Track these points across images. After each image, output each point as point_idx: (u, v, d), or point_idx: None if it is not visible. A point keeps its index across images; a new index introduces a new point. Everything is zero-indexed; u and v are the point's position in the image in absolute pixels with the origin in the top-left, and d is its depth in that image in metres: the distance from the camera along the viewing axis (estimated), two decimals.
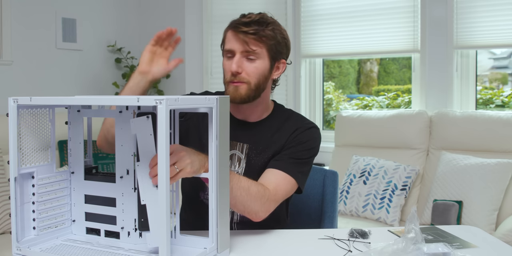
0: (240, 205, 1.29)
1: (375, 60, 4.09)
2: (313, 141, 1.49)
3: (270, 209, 1.35)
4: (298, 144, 1.47)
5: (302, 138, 1.47)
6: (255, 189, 1.30)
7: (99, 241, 1.21)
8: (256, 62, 1.42)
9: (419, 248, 1.08)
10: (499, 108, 3.41)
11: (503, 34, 3.08)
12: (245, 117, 1.52)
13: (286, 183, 1.40)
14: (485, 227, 2.54)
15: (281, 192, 1.39)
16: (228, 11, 3.74)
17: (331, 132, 3.67)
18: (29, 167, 1.16)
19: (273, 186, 1.37)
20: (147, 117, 1.07)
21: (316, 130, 1.52)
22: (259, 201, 1.31)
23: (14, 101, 1.11)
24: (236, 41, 1.41)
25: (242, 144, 1.49)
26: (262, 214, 1.34)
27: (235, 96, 1.42)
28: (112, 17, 3.94)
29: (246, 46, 1.40)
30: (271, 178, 1.39)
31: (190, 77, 3.90)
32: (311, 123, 1.54)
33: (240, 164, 1.49)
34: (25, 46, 3.31)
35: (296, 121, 1.52)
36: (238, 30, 1.40)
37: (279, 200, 1.39)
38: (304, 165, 1.46)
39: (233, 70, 1.40)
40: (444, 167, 2.80)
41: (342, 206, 2.97)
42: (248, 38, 1.39)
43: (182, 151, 1.10)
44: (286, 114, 1.56)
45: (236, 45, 1.41)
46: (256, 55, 1.42)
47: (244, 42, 1.40)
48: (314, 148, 1.50)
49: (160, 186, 0.96)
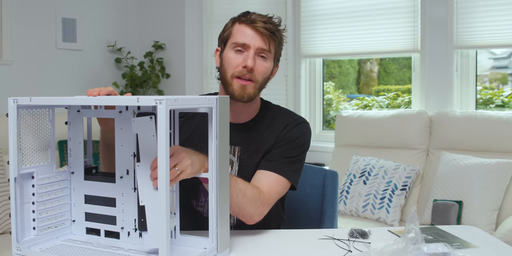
0: (235, 207, 1.28)
1: (375, 60, 4.09)
2: (303, 137, 1.47)
3: (263, 213, 1.34)
4: (288, 142, 1.45)
5: (292, 136, 1.45)
6: (251, 192, 1.29)
7: (99, 241, 1.21)
8: (267, 62, 1.41)
9: (419, 248, 1.08)
10: (499, 108, 3.41)
11: (503, 34, 3.08)
12: (235, 118, 1.48)
13: (279, 185, 1.39)
14: (485, 227, 2.54)
15: (274, 195, 1.38)
16: (228, 11, 3.74)
17: (331, 132, 3.67)
18: (29, 167, 1.16)
19: (267, 189, 1.35)
20: (150, 118, 1.07)
21: (306, 125, 1.50)
22: (254, 204, 1.30)
23: (14, 101, 1.11)
24: (254, 36, 1.36)
25: (233, 147, 1.47)
26: (256, 218, 1.33)
27: (243, 94, 1.38)
28: (112, 17, 3.94)
29: (265, 42, 1.37)
30: (264, 180, 1.37)
31: (190, 77, 3.90)
32: (300, 118, 1.52)
33: (232, 167, 1.47)
34: (25, 46, 3.31)
35: (284, 118, 1.50)
36: (258, 25, 1.36)
37: (272, 203, 1.37)
38: (295, 163, 1.45)
39: (250, 65, 1.35)
40: (444, 167, 2.80)
41: (342, 206, 2.97)
42: (265, 36, 1.37)
43: (183, 153, 1.09)
44: (274, 111, 1.53)
45: (252, 40, 1.37)
46: (268, 54, 1.40)
47: (264, 38, 1.36)
48: (305, 143, 1.48)
49: (160, 188, 0.95)
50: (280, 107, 1.56)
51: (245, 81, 1.38)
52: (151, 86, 3.90)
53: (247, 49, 1.38)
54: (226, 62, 1.41)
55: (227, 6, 3.81)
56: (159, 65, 3.92)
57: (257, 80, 1.39)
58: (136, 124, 1.09)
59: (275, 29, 1.39)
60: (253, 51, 1.37)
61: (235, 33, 1.40)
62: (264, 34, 1.36)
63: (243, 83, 1.38)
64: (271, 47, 1.39)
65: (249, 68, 1.36)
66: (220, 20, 3.74)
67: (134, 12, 4.10)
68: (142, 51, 4.01)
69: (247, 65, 1.36)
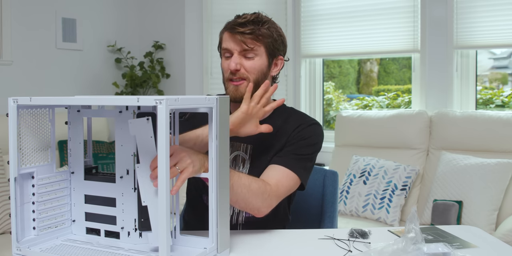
0: (241, 202, 1.29)
1: (375, 60, 4.09)
2: (316, 137, 1.49)
3: (272, 204, 1.35)
4: (300, 140, 1.47)
5: (304, 134, 1.48)
6: (256, 186, 1.30)
7: (99, 241, 1.21)
8: (254, 60, 1.45)
9: (419, 248, 1.08)
10: (499, 108, 3.41)
11: (503, 34, 3.08)
12: None
13: (289, 179, 1.40)
14: (485, 227, 2.54)
15: (282, 188, 1.39)
16: (228, 11, 3.74)
17: (331, 132, 3.67)
18: (29, 167, 1.16)
19: (275, 181, 1.37)
20: (147, 119, 1.07)
21: (318, 127, 1.52)
22: (261, 197, 1.31)
23: (14, 101, 1.11)
24: (233, 41, 1.43)
25: (246, 145, 1.49)
26: (264, 210, 1.34)
27: (236, 95, 1.44)
28: (112, 17, 3.94)
29: (243, 45, 1.42)
30: (273, 173, 1.39)
31: (190, 77, 3.90)
32: (313, 120, 1.54)
33: (244, 165, 1.49)
34: (25, 46, 3.31)
35: (298, 118, 1.53)
36: (235, 31, 1.42)
37: (281, 196, 1.39)
38: (306, 161, 1.46)
39: (232, 68, 1.43)
40: (444, 167, 2.80)
41: (342, 206, 2.97)
42: (245, 38, 1.42)
43: (182, 152, 1.10)
44: (288, 112, 1.56)
45: (233, 45, 1.43)
46: (254, 52, 1.44)
47: (242, 42, 1.42)
48: (317, 143, 1.50)
49: (160, 187, 0.95)
50: (294, 109, 1.60)
51: (237, 81, 1.45)
52: (151, 86, 3.90)
53: (232, 54, 1.45)
54: (221, 68, 1.50)
55: (227, 6, 3.81)
56: (159, 65, 3.92)
57: (247, 77, 1.45)
58: (133, 126, 1.09)
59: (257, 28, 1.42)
60: (237, 54, 1.44)
61: (222, 40, 1.48)
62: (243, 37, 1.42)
63: (235, 84, 1.45)
64: (253, 46, 1.43)
65: (232, 70, 1.43)
66: (220, 20, 3.73)
67: (134, 12, 4.10)
68: (142, 51, 4.01)
69: (230, 68, 1.44)
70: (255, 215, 1.35)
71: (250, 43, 1.42)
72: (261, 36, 1.43)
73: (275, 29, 1.47)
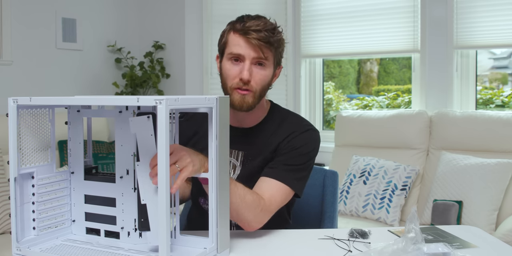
0: (234, 212, 1.26)
1: (375, 60, 4.09)
2: (309, 145, 1.44)
3: (263, 220, 1.32)
4: (291, 150, 1.42)
5: (296, 144, 1.42)
6: (250, 198, 1.28)
7: (99, 241, 1.21)
8: (265, 70, 1.39)
9: (419, 248, 1.08)
10: (499, 108, 3.41)
11: (503, 34, 3.08)
12: (241, 123, 1.48)
13: (281, 193, 1.37)
14: (485, 227, 2.54)
15: (275, 203, 1.35)
16: (228, 11, 3.74)
17: (331, 132, 3.67)
18: (29, 167, 1.16)
19: (268, 196, 1.33)
20: (148, 117, 1.07)
21: (313, 133, 1.46)
22: (253, 210, 1.28)
23: (14, 101, 1.11)
24: (248, 47, 1.35)
25: (237, 152, 1.46)
26: (255, 225, 1.31)
27: (242, 105, 1.38)
28: (112, 17, 3.94)
29: (259, 53, 1.35)
30: (266, 187, 1.35)
31: (190, 77, 3.90)
32: (308, 125, 1.48)
33: (235, 171, 1.46)
34: (25, 46, 3.31)
35: (291, 124, 1.47)
36: (250, 36, 1.34)
37: (273, 211, 1.35)
38: (300, 171, 1.41)
39: (245, 78, 1.35)
40: (444, 167, 2.80)
41: (342, 206, 2.97)
42: (260, 46, 1.35)
43: (182, 151, 1.10)
44: (282, 115, 1.51)
45: (247, 51, 1.36)
46: (265, 61, 1.38)
47: (257, 49, 1.35)
48: (310, 152, 1.44)
49: (160, 186, 0.95)
50: (289, 111, 1.54)
51: (243, 91, 1.38)
52: (151, 86, 3.90)
53: (243, 60, 1.37)
54: (225, 72, 1.41)
55: (227, 6, 3.81)
56: (159, 65, 3.92)
57: (255, 89, 1.38)
58: (134, 124, 1.09)
59: (270, 36, 1.36)
60: (249, 61, 1.36)
61: (230, 43, 1.39)
62: (258, 45, 1.35)
63: (242, 93, 1.38)
64: (267, 55, 1.37)
65: (245, 80, 1.36)
66: (220, 20, 3.74)
67: (134, 12, 4.10)
68: (142, 51, 4.01)
69: (242, 77, 1.36)
70: (245, 228, 1.32)
71: (264, 52, 1.36)
72: (275, 44, 1.37)
73: (282, 36, 1.42)
